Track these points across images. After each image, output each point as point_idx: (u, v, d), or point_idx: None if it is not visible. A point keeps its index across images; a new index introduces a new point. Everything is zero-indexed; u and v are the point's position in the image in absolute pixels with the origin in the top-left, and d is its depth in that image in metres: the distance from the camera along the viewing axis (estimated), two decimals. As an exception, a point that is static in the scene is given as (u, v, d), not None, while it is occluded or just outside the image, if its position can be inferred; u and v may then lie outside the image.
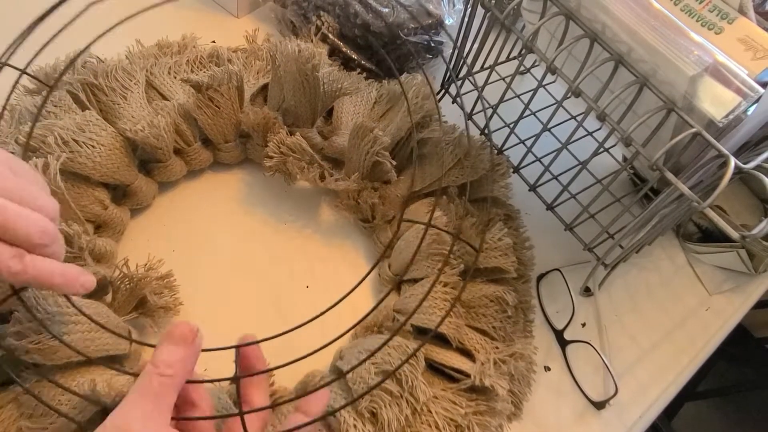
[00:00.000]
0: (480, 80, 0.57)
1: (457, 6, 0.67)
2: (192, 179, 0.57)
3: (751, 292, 0.61)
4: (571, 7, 0.43)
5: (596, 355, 0.51)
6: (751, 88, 0.37)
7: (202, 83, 0.51)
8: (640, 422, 0.50)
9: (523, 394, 0.48)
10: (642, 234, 0.49)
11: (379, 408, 0.40)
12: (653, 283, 0.59)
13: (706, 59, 0.37)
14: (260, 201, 0.57)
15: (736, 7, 0.40)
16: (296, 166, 0.52)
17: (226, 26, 0.69)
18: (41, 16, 0.44)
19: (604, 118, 0.42)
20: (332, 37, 0.64)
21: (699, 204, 0.39)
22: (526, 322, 0.53)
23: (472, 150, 0.54)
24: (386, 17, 0.62)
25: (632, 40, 0.39)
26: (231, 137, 0.56)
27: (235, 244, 0.54)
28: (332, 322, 0.40)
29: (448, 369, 0.45)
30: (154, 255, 0.49)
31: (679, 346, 0.55)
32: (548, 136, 0.59)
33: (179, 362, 0.30)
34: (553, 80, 0.66)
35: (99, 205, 0.48)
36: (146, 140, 0.49)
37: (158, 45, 0.60)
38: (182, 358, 0.31)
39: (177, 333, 0.31)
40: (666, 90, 0.39)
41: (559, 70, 0.44)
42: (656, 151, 0.40)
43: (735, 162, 0.37)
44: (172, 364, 0.30)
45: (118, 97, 0.52)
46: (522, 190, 0.57)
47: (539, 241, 0.56)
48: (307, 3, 0.65)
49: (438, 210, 0.50)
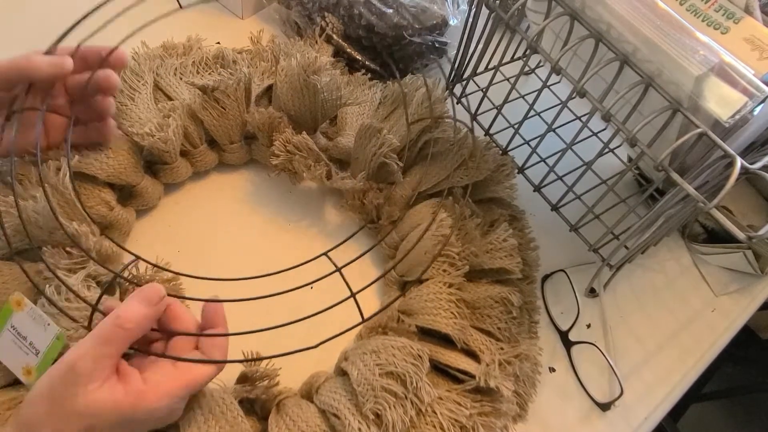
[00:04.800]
0: (484, 81, 0.57)
1: (461, 6, 0.67)
2: (197, 180, 0.57)
3: (758, 294, 0.60)
4: (575, 7, 0.43)
5: (601, 356, 0.51)
6: (758, 88, 0.36)
7: (208, 86, 0.52)
8: (646, 424, 0.50)
9: (528, 395, 0.48)
10: (647, 235, 0.49)
11: (384, 409, 0.40)
12: (659, 284, 0.59)
13: (712, 59, 0.37)
14: (265, 202, 0.57)
15: (742, 7, 0.40)
16: (302, 165, 0.52)
17: (230, 27, 0.70)
18: (76, 22, 0.45)
19: (609, 119, 0.42)
20: (336, 38, 0.64)
21: (705, 205, 0.38)
22: (531, 323, 0.52)
23: (477, 151, 0.54)
24: (390, 18, 0.62)
25: (637, 40, 0.39)
26: (236, 138, 0.56)
27: (241, 244, 0.54)
28: (335, 321, 0.40)
29: (452, 370, 0.45)
30: (160, 256, 0.49)
31: (684, 348, 0.55)
32: (553, 137, 0.59)
33: (140, 319, 0.34)
34: (558, 80, 0.66)
35: (105, 206, 0.49)
36: (155, 145, 0.50)
37: (164, 46, 0.60)
38: (143, 317, 0.34)
39: (144, 293, 0.35)
40: (671, 90, 0.39)
41: (564, 70, 0.44)
42: (662, 152, 0.40)
43: (741, 162, 0.37)
44: (131, 319, 0.33)
45: (125, 99, 0.52)
46: (527, 191, 0.57)
47: (544, 242, 0.56)
48: (312, 4, 0.65)
49: (443, 211, 0.50)
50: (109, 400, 0.31)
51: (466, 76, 0.60)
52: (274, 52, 0.61)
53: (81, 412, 0.31)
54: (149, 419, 0.33)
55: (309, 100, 0.54)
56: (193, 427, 0.37)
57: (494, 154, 0.55)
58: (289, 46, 0.62)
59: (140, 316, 0.34)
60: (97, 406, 0.31)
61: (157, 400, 0.33)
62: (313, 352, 0.38)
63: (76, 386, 0.31)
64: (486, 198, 0.55)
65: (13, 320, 0.38)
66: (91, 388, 0.31)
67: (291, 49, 0.61)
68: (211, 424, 0.38)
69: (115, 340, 0.33)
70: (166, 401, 0.33)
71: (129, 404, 0.32)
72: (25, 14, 0.67)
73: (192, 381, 0.35)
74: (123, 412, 0.32)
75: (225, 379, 0.42)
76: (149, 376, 0.34)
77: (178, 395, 0.34)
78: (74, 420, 0.31)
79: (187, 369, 0.35)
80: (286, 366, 0.44)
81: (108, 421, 0.31)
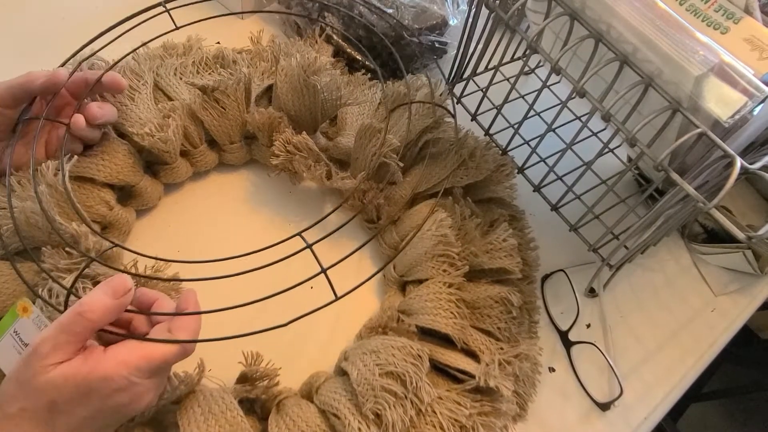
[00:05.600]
0: (484, 81, 0.57)
1: (461, 6, 0.67)
2: (197, 180, 0.57)
3: (757, 293, 0.60)
4: (575, 7, 0.43)
5: (601, 356, 0.51)
6: (757, 88, 0.36)
7: (208, 86, 0.52)
8: (646, 423, 0.50)
9: (527, 395, 0.48)
10: (647, 235, 0.49)
11: (384, 409, 0.40)
12: (658, 283, 0.59)
13: (712, 59, 0.37)
14: (265, 201, 0.57)
15: (741, 7, 0.40)
16: (302, 165, 0.52)
17: (230, 27, 0.70)
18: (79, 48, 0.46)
19: (609, 119, 0.42)
20: (336, 38, 0.64)
21: (704, 205, 0.38)
22: (531, 323, 0.52)
23: (477, 151, 0.54)
24: (390, 18, 0.62)
25: (637, 40, 0.39)
26: (236, 138, 0.56)
27: (240, 244, 0.54)
28: (336, 321, 0.40)
29: (452, 370, 0.45)
30: (160, 256, 0.49)
31: (684, 347, 0.55)
32: (553, 137, 0.59)
33: (104, 311, 0.34)
34: (558, 80, 0.66)
35: (105, 206, 0.49)
36: (155, 145, 0.50)
37: (164, 46, 0.60)
38: (108, 309, 0.34)
39: (110, 285, 0.35)
40: (671, 90, 0.39)
41: (564, 70, 0.44)
42: (661, 152, 0.40)
43: (741, 162, 0.37)
44: (95, 310, 0.34)
45: (125, 98, 0.52)
46: (527, 191, 0.57)
47: (544, 242, 0.56)
48: (312, 4, 0.65)
49: (442, 211, 0.50)
50: (67, 373, 0.32)
51: (466, 76, 0.60)
52: (274, 52, 0.61)
53: (41, 389, 0.32)
54: (106, 389, 0.33)
55: (309, 100, 0.54)
56: (193, 426, 0.38)
57: (494, 154, 0.55)
58: (289, 46, 0.62)
59: (103, 306, 0.34)
60: (55, 381, 0.32)
61: (113, 367, 0.33)
62: (313, 353, 0.38)
63: (36, 366, 0.32)
64: (486, 198, 0.55)
65: (17, 325, 0.38)
66: (50, 366, 0.32)
67: (291, 49, 0.61)
68: (211, 424, 0.38)
69: (76, 328, 0.33)
70: (123, 370, 0.33)
71: (85, 372, 0.32)
72: (25, 14, 0.67)
73: (151, 354, 0.34)
74: (78, 381, 0.32)
75: (225, 379, 0.42)
76: (111, 348, 0.35)
77: (136, 365, 0.34)
78: (37, 396, 0.32)
79: (151, 344, 0.35)
80: (286, 366, 0.44)
81: (68, 393, 0.32)
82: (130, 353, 0.34)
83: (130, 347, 0.34)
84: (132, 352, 0.34)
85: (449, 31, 0.66)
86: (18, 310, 0.38)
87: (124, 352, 0.34)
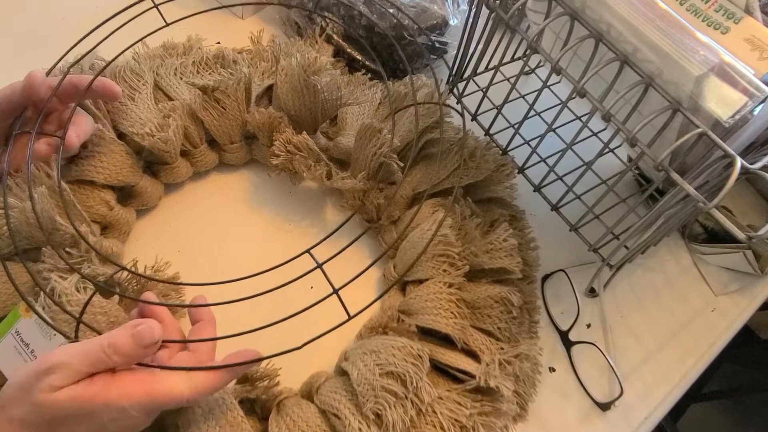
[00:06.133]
0: (484, 81, 0.57)
1: (461, 6, 0.67)
2: (197, 180, 0.57)
3: (757, 293, 0.60)
4: (576, 7, 0.43)
5: (601, 356, 0.51)
6: (758, 88, 0.36)
7: (208, 86, 0.52)
8: (646, 424, 0.50)
9: (528, 395, 0.48)
10: (647, 235, 0.49)
11: (384, 409, 0.40)
12: (658, 284, 0.59)
13: (712, 59, 0.37)
14: (265, 201, 0.57)
15: (742, 7, 0.40)
16: (303, 165, 0.52)
17: (231, 27, 0.70)
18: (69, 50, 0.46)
19: (609, 119, 0.42)
20: (337, 37, 0.64)
21: (705, 205, 0.38)
22: (531, 323, 0.52)
23: (477, 151, 0.54)
24: (390, 18, 0.62)
25: (637, 40, 0.39)
26: (237, 138, 0.56)
27: (241, 244, 0.54)
28: (336, 321, 0.40)
29: (453, 370, 0.45)
30: (160, 256, 0.49)
31: (684, 347, 0.55)
32: (553, 137, 0.59)
33: (128, 357, 0.34)
34: (558, 80, 0.66)
35: (105, 206, 0.49)
36: (155, 145, 0.50)
37: (164, 46, 0.60)
38: (131, 357, 0.34)
39: (141, 335, 0.34)
40: (672, 90, 0.39)
41: (564, 70, 0.44)
42: (662, 152, 0.40)
43: (741, 162, 0.37)
44: (122, 354, 0.33)
45: (125, 98, 0.52)
46: (527, 191, 0.57)
47: (544, 242, 0.56)
48: (312, 4, 0.65)
49: (442, 211, 0.50)
50: (74, 394, 0.32)
51: (466, 76, 0.60)
52: (275, 52, 0.61)
53: (46, 406, 0.32)
54: (106, 415, 0.33)
55: (309, 100, 0.54)
56: (193, 427, 0.38)
57: (494, 154, 0.55)
58: (289, 46, 0.62)
59: (131, 354, 0.34)
60: (61, 403, 0.32)
61: (116, 398, 0.33)
62: (314, 353, 0.38)
63: (45, 383, 0.32)
64: (486, 198, 0.55)
65: (19, 326, 0.38)
66: (58, 387, 0.32)
67: (291, 48, 0.61)
68: (211, 424, 0.38)
69: (99, 365, 0.33)
70: (125, 402, 0.33)
71: (89, 395, 0.32)
72: (25, 14, 0.67)
73: (156, 392, 0.34)
74: (82, 402, 0.32)
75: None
76: (120, 375, 0.34)
77: (138, 401, 0.33)
78: (39, 412, 0.32)
79: (158, 379, 0.35)
80: (287, 366, 0.44)
81: (70, 412, 0.32)
82: (136, 387, 0.34)
83: (138, 379, 0.34)
84: (138, 386, 0.34)
85: (449, 31, 0.66)
86: (21, 311, 0.38)
87: (131, 383, 0.34)
